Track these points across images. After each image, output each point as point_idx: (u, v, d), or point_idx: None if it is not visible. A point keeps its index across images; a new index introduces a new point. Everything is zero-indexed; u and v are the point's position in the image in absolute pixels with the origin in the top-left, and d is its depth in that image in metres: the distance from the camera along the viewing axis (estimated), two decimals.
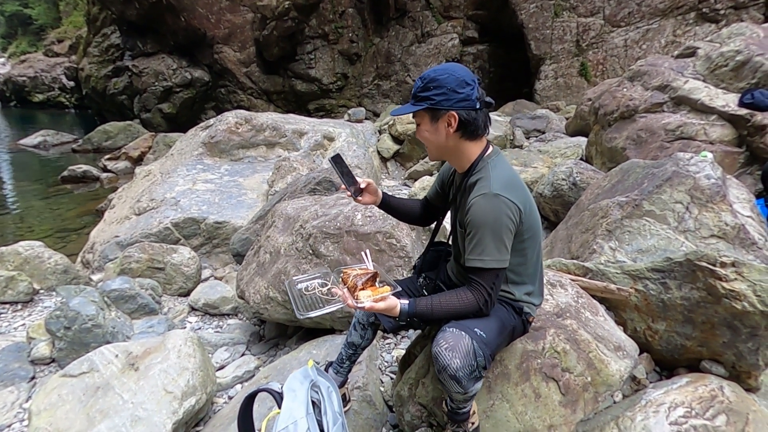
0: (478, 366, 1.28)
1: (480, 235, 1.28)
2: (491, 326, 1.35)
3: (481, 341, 1.29)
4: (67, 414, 1.96)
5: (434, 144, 1.40)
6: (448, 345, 1.26)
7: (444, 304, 1.32)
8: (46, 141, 12.91)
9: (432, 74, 1.32)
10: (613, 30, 10.96)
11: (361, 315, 1.72)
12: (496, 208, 1.27)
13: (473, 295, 1.31)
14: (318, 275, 1.59)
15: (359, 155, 6.41)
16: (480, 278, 1.30)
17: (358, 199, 1.61)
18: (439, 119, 1.34)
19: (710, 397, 1.65)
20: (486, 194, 1.28)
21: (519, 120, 8.06)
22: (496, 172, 1.34)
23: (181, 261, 3.95)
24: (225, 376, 2.56)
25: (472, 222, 1.30)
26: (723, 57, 4.18)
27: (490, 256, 1.27)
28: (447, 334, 1.29)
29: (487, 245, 1.27)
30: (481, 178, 1.34)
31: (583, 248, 2.58)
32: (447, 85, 1.30)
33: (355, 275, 1.37)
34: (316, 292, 1.47)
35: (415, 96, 1.35)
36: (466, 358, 1.25)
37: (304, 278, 1.58)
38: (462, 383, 1.27)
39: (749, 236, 2.26)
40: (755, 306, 1.71)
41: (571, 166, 3.87)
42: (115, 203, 5.89)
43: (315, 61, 12.72)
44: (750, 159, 3.76)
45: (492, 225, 1.27)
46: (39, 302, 3.46)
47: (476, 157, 1.39)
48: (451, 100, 1.30)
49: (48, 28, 26.36)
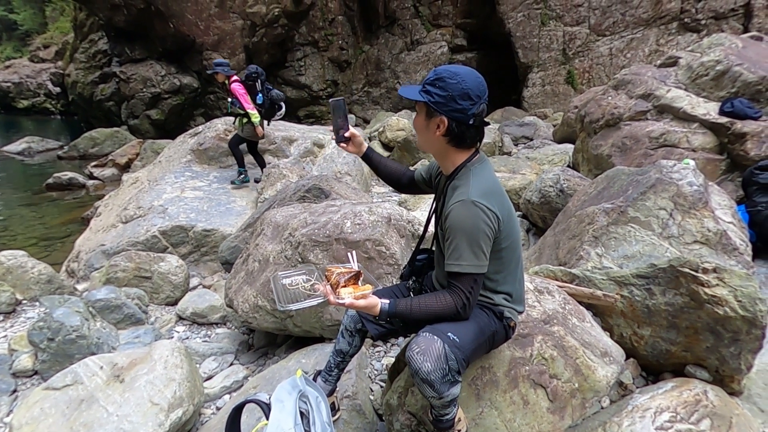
0: (450, 370, 1.29)
1: (458, 240, 1.31)
2: (467, 331, 1.36)
3: (454, 345, 1.30)
4: (49, 428, 1.91)
5: (423, 138, 1.45)
6: (419, 349, 1.28)
7: (423, 306, 1.34)
8: (31, 148, 12.70)
9: (445, 73, 1.32)
10: (599, 39, 11.19)
11: (348, 322, 1.73)
12: (473, 214, 1.30)
13: (452, 298, 1.33)
14: (303, 271, 1.60)
15: (349, 162, 6.42)
16: (458, 282, 1.33)
17: (341, 145, 1.68)
18: (432, 118, 1.37)
19: (695, 401, 1.68)
20: (464, 201, 1.31)
21: (507, 127, 8.17)
22: (477, 179, 1.36)
23: (168, 269, 3.90)
24: (213, 386, 2.53)
25: (450, 227, 1.33)
26: (704, 66, 4.29)
27: (467, 261, 1.30)
28: (420, 339, 1.31)
29: (464, 250, 1.30)
30: (461, 185, 1.37)
31: (571, 254, 2.61)
32: (450, 90, 1.30)
33: (338, 273, 1.40)
34: (299, 288, 1.49)
35: (424, 85, 1.37)
36: (437, 362, 1.27)
37: (289, 273, 1.60)
38: (435, 387, 1.29)
39: (731, 242, 2.32)
40: (736, 311, 1.74)
41: (559, 173, 3.92)
42: (102, 211, 5.81)
43: (305, 68, 12.76)
44: (731, 166, 3.85)
45: (469, 231, 1.29)
46: (22, 313, 3.39)
47: (460, 164, 1.41)
48: (448, 107, 1.31)
49: (34, 34, 26.05)
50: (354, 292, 1.32)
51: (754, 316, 1.73)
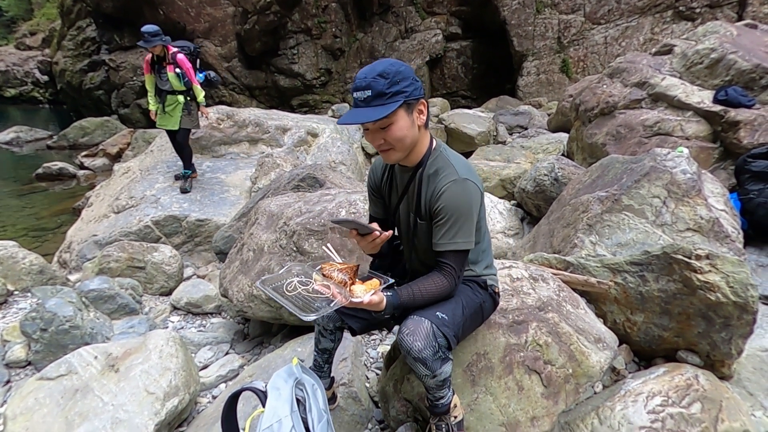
0: (440, 347, 1.33)
1: (454, 219, 1.33)
2: (452, 307, 1.40)
3: (442, 323, 1.34)
4: (44, 418, 1.91)
5: (410, 139, 1.33)
6: (408, 331, 1.32)
7: (423, 291, 1.36)
8: (20, 137, 12.47)
9: (390, 68, 1.25)
10: (594, 27, 11.13)
11: (326, 322, 1.65)
12: (467, 191, 1.33)
13: (446, 279, 1.36)
14: (293, 273, 1.48)
15: (343, 151, 6.38)
16: (452, 261, 1.36)
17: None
18: (412, 111, 1.31)
19: (686, 385, 1.70)
20: (456, 180, 1.33)
21: (502, 116, 8.14)
22: (454, 159, 1.39)
23: (162, 260, 3.88)
24: (209, 375, 2.53)
25: (445, 208, 1.33)
26: (698, 54, 4.28)
27: (462, 238, 1.34)
28: (408, 322, 1.35)
29: (460, 228, 1.33)
30: (442, 167, 1.37)
31: (565, 242, 2.62)
32: (410, 74, 1.28)
33: (338, 270, 1.34)
34: (301, 292, 1.41)
35: (381, 94, 1.23)
36: (426, 339, 1.31)
37: (275, 277, 1.47)
38: (427, 364, 1.32)
39: (723, 229, 2.34)
40: (728, 297, 1.77)
41: (553, 161, 3.92)
42: (93, 201, 5.74)
43: (298, 56, 12.57)
44: (724, 154, 3.87)
45: (465, 209, 1.33)
46: (13, 304, 3.35)
47: (427, 148, 1.40)
48: (418, 89, 1.30)
49: (19, 21, 25.42)
50: (366, 289, 1.28)
51: (745, 301, 1.76)
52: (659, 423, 1.59)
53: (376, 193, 1.61)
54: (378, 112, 1.24)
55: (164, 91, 4.75)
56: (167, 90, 4.74)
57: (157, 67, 4.70)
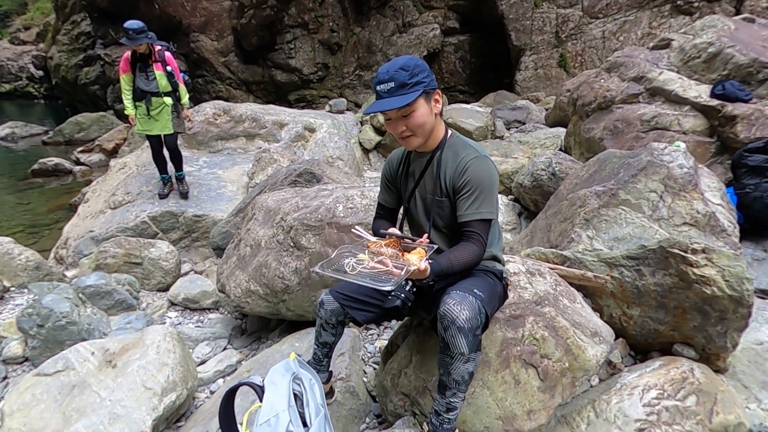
0: (480, 322, 1.38)
1: (479, 190, 1.44)
2: (485, 287, 1.48)
3: (482, 300, 1.40)
4: (42, 413, 1.91)
5: (429, 125, 1.47)
6: (455, 301, 1.35)
7: (460, 258, 1.42)
8: (15, 133, 12.38)
9: (410, 62, 1.41)
10: (592, 21, 11.09)
11: (329, 316, 1.66)
12: (490, 167, 1.48)
13: (475, 246, 1.45)
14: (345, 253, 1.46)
15: (341, 146, 6.36)
16: (479, 230, 1.45)
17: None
18: (429, 99, 1.45)
19: (681, 379, 1.71)
20: (478, 156, 1.47)
21: (500, 111, 8.11)
22: (470, 142, 1.55)
23: (159, 255, 3.87)
24: (206, 370, 2.53)
25: (471, 181, 1.45)
26: (696, 49, 4.27)
27: (487, 208, 1.45)
28: (453, 294, 1.39)
29: (485, 199, 1.45)
30: (462, 148, 1.51)
31: (562, 237, 2.63)
32: (426, 68, 1.43)
33: (384, 245, 1.40)
34: (360, 270, 1.37)
35: (403, 85, 1.37)
36: (473, 310, 1.35)
37: (330, 261, 1.44)
38: (468, 338, 1.34)
39: (719, 224, 2.34)
40: (724, 291, 1.77)
41: (551, 156, 3.92)
42: (89, 197, 5.71)
43: (295, 50, 12.50)
44: (721, 149, 3.87)
45: (488, 182, 1.46)
46: (10, 300, 3.35)
47: (444, 133, 1.55)
48: (434, 80, 1.45)
49: (13, 15, 25.13)
50: (418, 257, 1.33)
51: (740, 295, 1.76)
52: (655, 416, 1.60)
53: (390, 182, 1.72)
54: (402, 100, 1.38)
55: (147, 93, 4.37)
56: (151, 91, 4.38)
57: (140, 65, 4.36)
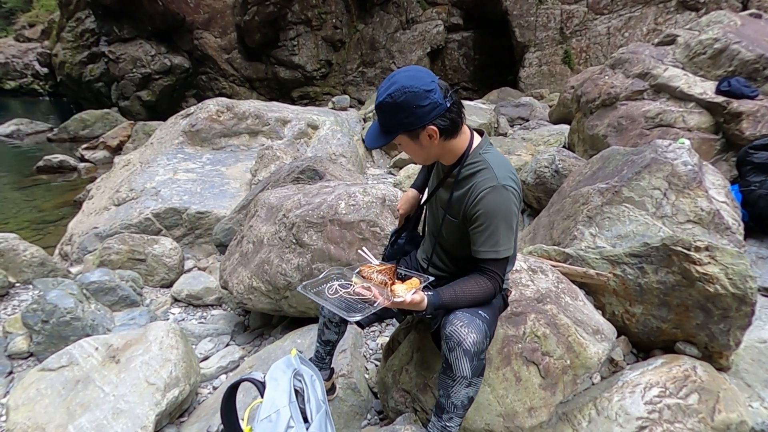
0: (486, 346, 1.36)
1: (493, 227, 1.32)
2: (489, 309, 1.43)
3: (486, 323, 1.37)
4: (46, 408, 1.93)
5: (422, 156, 1.40)
6: (462, 323, 1.32)
7: (467, 293, 1.36)
8: (20, 130, 12.43)
9: (389, 100, 1.26)
10: (596, 17, 11.00)
11: (332, 314, 1.65)
12: (506, 199, 1.31)
13: (491, 284, 1.37)
14: (332, 275, 1.52)
15: (344, 143, 6.36)
16: (495, 267, 1.36)
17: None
18: (419, 136, 1.31)
19: (684, 377, 1.71)
20: (495, 186, 1.31)
21: (503, 108, 8.08)
22: (495, 162, 1.35)
23: (162, 252, 3.89)
24: (209, 366, 2.54)
25: (483, 214, 1.32)
26: (701, 45, 4.23)
27: (503, 246, 1.33)
28: (459, 315, 1.34)
29: (501, 236, 1.32)
30: (483, 170, 1.35)
31: (565, 234, 2.62)
32: (410, 105, 1.25)
33: (377, 271, 1.36)
34: (342, 294, 1.41)
35: (382, 122, 1.33)
36: (480, 334, 1.32)
37: (315, 282, 1.50)
38: (473, 362, 1.31)
39: (723, 221, 2.33)
40: (727, 288, 1.76)
41: (554, 153, 3.90)
42: (94, 194, 5.74)
43: (298, 47, 12.48)
44: (726, 146, 3.84)
45: (504, 216, 1.32)
46: (15, 296, 3.37)
47: (464, 149, 1.38)
48: (423, 116, 1.26)
49: (18, 12, 25.22)
50: (407, 288, 1.29)
51: (744, 293, 1.75)
52: (656, 414, 1.60)
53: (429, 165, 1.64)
54: (378, 140, 1.35)
55: None
56: None
57: None
